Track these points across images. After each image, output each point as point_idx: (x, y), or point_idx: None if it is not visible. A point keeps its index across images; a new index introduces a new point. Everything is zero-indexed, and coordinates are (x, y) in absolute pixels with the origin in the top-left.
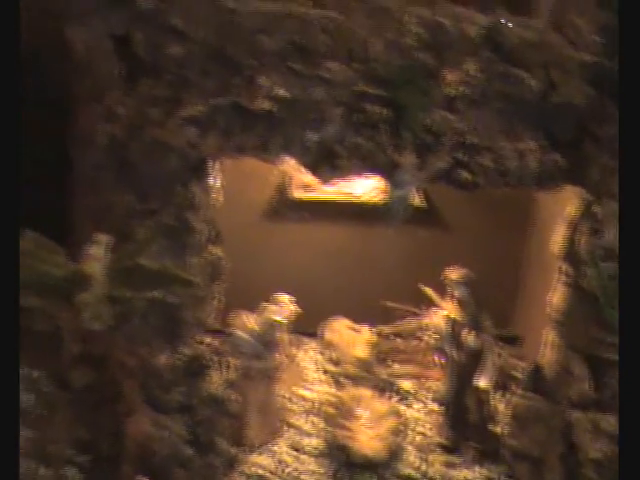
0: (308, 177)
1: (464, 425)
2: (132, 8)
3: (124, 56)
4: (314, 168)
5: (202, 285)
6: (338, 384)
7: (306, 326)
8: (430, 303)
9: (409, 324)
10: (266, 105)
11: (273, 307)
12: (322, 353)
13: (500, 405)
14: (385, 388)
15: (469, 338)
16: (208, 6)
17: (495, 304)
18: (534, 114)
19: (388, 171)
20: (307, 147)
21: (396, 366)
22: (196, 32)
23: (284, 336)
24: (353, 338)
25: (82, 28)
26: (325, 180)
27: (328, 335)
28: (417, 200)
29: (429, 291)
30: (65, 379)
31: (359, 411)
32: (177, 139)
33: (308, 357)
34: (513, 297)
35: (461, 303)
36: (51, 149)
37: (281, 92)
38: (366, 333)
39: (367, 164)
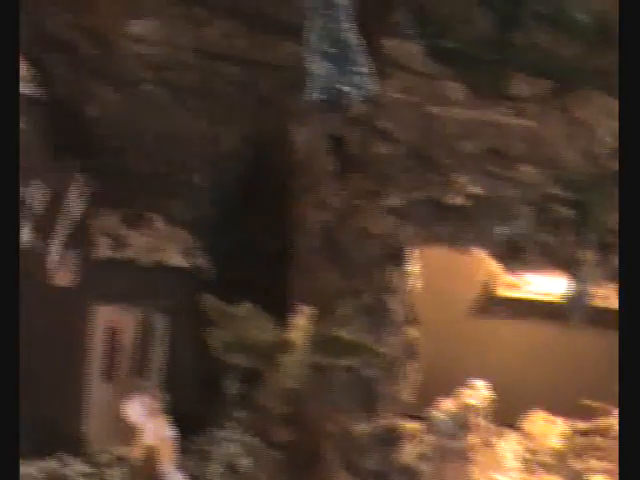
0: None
1: None
2: (347, 112)
3: (337, 153)
4: (502, 261)
5: (395, 361)
6: (531, 471)
7: (507, 418)
8: None
9: (604, 421)
10: (460, 200)
11: (468, 391)
12: (520, 443)
13: None
14: (575, 479)
15: None
16: (414, 112)
17: None
18: None
19: (571, 267)
20: (496, 241)
21: (592, 461)
22: (401, 134)
23: (479, 420)
24: (549, 430)
25: (303, 128)
26: (512, 272)
27: (526, 426)
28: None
29: None
30: (269, 437)
31: None
32: (379, 227)
33: (508, 446)
34: None
35: None
36: (269, 232)
37: (475, 190)
38: (561, 426)
39: (551, 260)
